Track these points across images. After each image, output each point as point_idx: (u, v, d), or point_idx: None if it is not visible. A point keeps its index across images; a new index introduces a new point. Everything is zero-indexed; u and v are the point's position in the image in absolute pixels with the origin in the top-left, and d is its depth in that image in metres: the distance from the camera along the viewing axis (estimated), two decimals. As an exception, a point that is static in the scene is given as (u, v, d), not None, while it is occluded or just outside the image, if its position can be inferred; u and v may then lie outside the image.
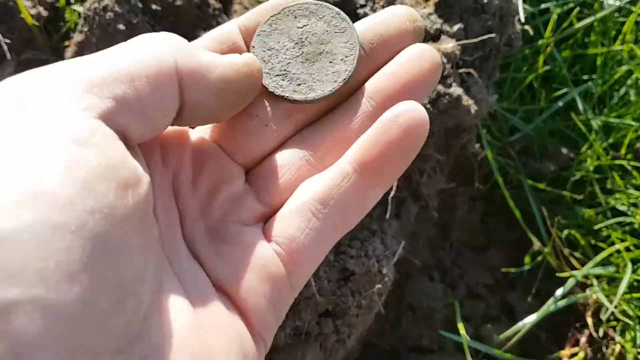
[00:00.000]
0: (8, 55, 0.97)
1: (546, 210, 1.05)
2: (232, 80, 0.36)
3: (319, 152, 0.41)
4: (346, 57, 0.42)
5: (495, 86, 1.13)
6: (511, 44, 0.98)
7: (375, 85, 0.42)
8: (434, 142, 0.93)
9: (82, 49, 0.91)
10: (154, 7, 0.89)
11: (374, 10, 0.89)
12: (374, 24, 0.44)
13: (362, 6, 0.89)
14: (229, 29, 0.43)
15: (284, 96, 0.41)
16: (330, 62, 0.42)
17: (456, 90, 0.87)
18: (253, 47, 0.42)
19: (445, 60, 0.88)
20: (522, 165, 1.15)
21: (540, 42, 1.09)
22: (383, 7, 0.90)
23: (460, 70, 0.91)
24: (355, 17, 0.89)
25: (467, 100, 0.88)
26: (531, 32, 1.05)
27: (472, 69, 0.95)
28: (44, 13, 1.00)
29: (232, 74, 0.36)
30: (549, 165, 1.13)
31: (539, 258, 1.07)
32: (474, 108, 0.91)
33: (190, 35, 0.95)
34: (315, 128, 0.43)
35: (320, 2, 0.44)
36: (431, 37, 0.91)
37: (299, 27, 0.43)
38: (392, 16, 0.43)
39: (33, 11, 0.98)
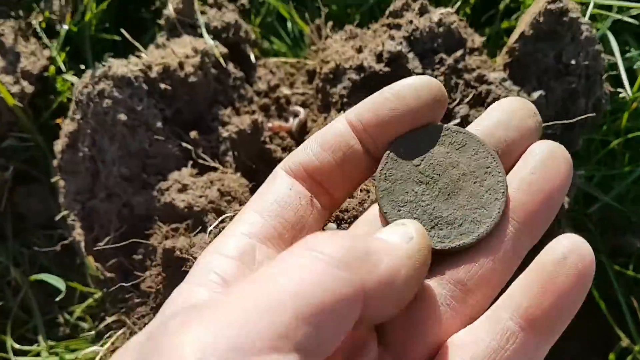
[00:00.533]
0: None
1: (635, 299, 0.88)
2: (415, 274, 0.33)
3: (462, 290, 0.37)
4: (492, 187, 0.39)
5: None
6: (599, 107, 0.80)
7: (514, 200, 0.38)
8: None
9: (75, 141, 0.73)
10: (162, 86, 0.72)
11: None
12: (494, 127, 0.40)
13: (419, 75, 0.71)
14: (339, 130, 0.40)
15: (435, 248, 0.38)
16: (475, 184, 0.39)
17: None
18: (385, 212, 0.39)
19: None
20: (602, 240, 0.97)
21: (621, 96, 0.90)
22: (444, 74, 0.72)
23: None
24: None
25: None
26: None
27: (556, 141, 0.77)
28: (29, 89, 0.83)
29: (414, 268, 0.33)
30: (635, 241, 0.95)
31: (629, 358, 0.89)
32: (566, 201, 0.73)
33: (208, 112, 0.77)
34: (453, 259, 0.38)
35: (420, 128, 0.40)
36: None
37: (416, 166, 0.40)
38: (511, 116, 0.40)
39: (15, 88, 0.81)
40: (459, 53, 0.72)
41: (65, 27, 0.90)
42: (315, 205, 0.40)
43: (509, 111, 0.40)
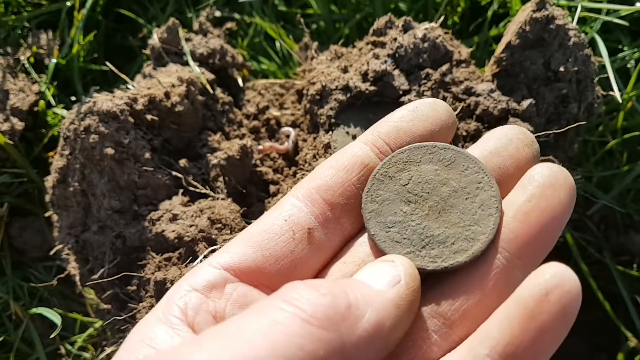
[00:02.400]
0: (-22, 188, 0.80)
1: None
2: (401, 322, 0.31)
3: (446, 324, 0.35)
4: (485, 203, 0.37)
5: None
6: (591, 111, 0.78)
7: (508, 231, 0.36)
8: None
9: (65, 176, 0.73)
10: (149, 117, 0.72)
11: (420, 95, 0.71)
12: (489, 155, 0.38)
13: (406, 92, 0.70)
14: (354, 151, 0.39)
15: (424, 268, 0.36)
16: (466, 200, 0.37)
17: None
18: (373, 234, 0.37)
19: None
20: (604, 238, 0.95)
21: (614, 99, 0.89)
22: (431, 89, 0.71)
23: (540, 159, 0.72)
24: (398, 105, 0.71)
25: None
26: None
27: (547, 148, 0.76)
28: (19, 125, 0.83)
29: (401, 316, 0.31)
30: (638, 240, 0.94)
31: (637, 358, 0.88)
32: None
33: (197, 139, 0.77)
34: (434, 291, 0.36)
35: (407, 147, 0.39)
36: (495, 119, 0.72)
37: (404, 185, 0.38)
38: (506, 143, 0.38)
39: (5, 126, 0.81)
40: (445, 67, 0.71)
41: (54, 60, 0.91)
42: (315, 241, 0.37)
43: (505, 139, 0.39)
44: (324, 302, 0.28)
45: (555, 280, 0.33)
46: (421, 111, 0.40)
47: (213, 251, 0.62)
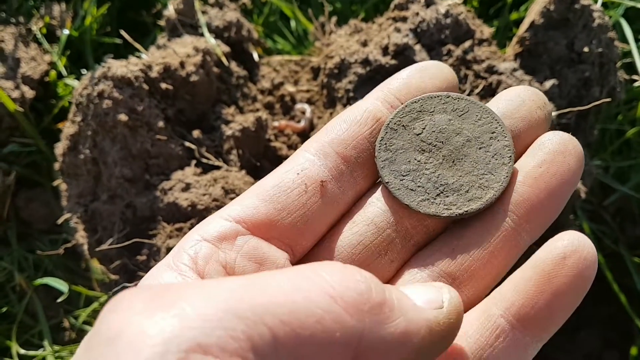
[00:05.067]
0: (-14, 154, 0.78)
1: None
2: (431, 350, 0.29)
3: (453, 284, 0.35)
4: (498, 152, 0.37)
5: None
6: (613, 95, 0.77)
7: (517, 194, 0.36)
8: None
9: (76, 144, 0.72)
10: (163, 86, 0.70)
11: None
12: (501, 116, 0.37)
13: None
14: (365, 106, 0.38)
15: (439, 215, 0.36)
16: (480, 150, 0.37)
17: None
18: (387, 182, 0.37)
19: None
20: (620, 230, 0.94)
21: (636, 85, 0.88)
22: (452, 65, 0.70)
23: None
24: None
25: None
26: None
27: (568, 131, 0.74)
28: (30, 93, 0.82)
29: (431, 342, 0.29)
30: (655, 232, 0.92)
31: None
32: (583, 189, 0.70)
33: (211, 111, 0.75)
34: (444, 249, 0.36)
35: (421, 97, 0.38)
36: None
37: (418, 134, 0.38)
38: (518, 105, 0.38)
39: (16, 93, 0.80)
40: (467, 44, 0.70)
41: (66, 31, 0.90)
42: (328, 194, 0.36)
43: (517, 100, 0.38)
44: (357, 287, 0.27)
45: (573, 246, 0.33)
46: (429, 70, 0.39)
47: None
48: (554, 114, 0.68)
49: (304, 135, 0.78)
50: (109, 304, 0.24)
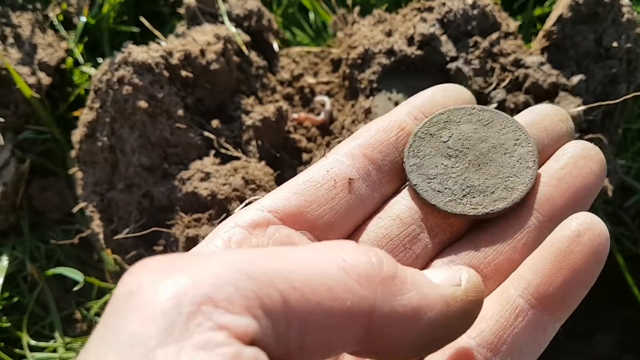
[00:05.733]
0: (1, 140, 0.77)
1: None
2: (446, 326, 0.29)
3: (479, 273, 0.34)
4: (523, 157, 0.38)
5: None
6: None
7: (541, 194, 0.37)
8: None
9: (94, 131, 0.71)
10: (184, 73, 0.69)
11: (468, 63, 0.68)
12: (524, 125, 0.39)
13: (453, 59, 0.68)
14: (392, 117, 0.40)
15: (465, 214, 0.38)
16: (504, 155, 0.39)
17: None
18: (415, 185, 0.39)
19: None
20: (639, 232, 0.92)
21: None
22: (479, 57, 0.68)
23: (587, 137, 0.69)
24: (446, 73, 0.68)
25: (604, 182, 0.66)
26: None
27: (593, 128, 0.73)
28: (46, 80, 0.81)
29: (447, 317, 0.29)
30: (676, 235, 0.90)
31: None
32: (609, 187, 0.69)
33: (230, 101, 0.74)
34: (468, 245, 0.37)
35: (447, 108, 0.40)
36: (545, 93, 0.69)
37: (445, 142, 0.40)
38: (541, 117, 0.40)
39: (32, 79, 0.79)
40: (494, 36, 0.68)
41: (83, 19, 0.89)
42: (355, 191, 0.38)
43: (540, 114, 0.40)
44: (369, 261, 0.27)
45: (586, 224, 0.34)
46: (451, 90, 0.42)
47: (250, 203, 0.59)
48: (581, 108, 0.67)
49: (324, 127, 0.77)
50: (128, 271, 0.25)
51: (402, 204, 0.39)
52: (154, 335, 0.22)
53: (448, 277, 0.31)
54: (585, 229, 0.34)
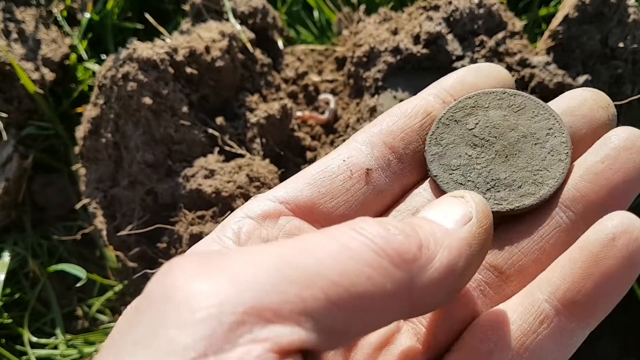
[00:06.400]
0: (4, 135, 0.77)
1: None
2: (473, 262, 0.29)
3: (500, 277, 0.34)
4: (555, 148, 0.35)
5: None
6: (645, 94, 0.75)
7: (575, 189, 0.34)
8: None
9: (98, 127, 0.70)
10: (188, 70, 0.69)
11: (474, 62, 0.67)
12: (561, 113, 0.36)
13: (459, 58, 0.67)
14: (417, 101, 0.37)
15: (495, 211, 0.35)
16: (535, 146, 0.36)
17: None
18: (436, 176, 0.36)
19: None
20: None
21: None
22: (485, 56, 0.68)
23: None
24: (450, 71, 0.67)
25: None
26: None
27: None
28: (50, 76, 0.80)
29: (473, 256, 0.29)
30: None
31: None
32: None
33: (234, 99, 0.74)
34: (498, 241, 0.35)
35: (475, 92, 0.37)
36: (551, 93, 0.69)
37: (470, 129, 0.37)
38: (580, 103, 0.36)
39: (35, 75, 0.79)
40: (500, 35, 0.68)
41: (87, 15, 0.88)
42: (372, 183, 0.36)
43: (579, 99, 0.36)
44: (396, 240, 0.27)
45: (623, 225, 0.31)
46: (484, 70, 0.38)
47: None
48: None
49: (328, 126, 0.76)
50: (160, 270, 0.24)
51: (422, 197, 0.37)
52: (193, 345, 0.21)
53: (461, 217, 0.30)
54: (621, 231, 0.31)
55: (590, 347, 0.97)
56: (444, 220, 0.30)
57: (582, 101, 0.36)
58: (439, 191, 0.36)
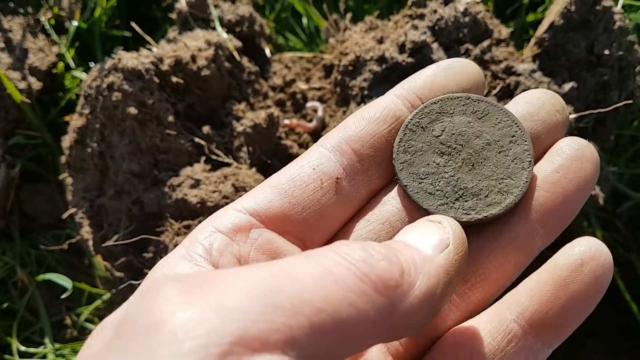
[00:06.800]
0: (-9, 146, 0.77)
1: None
2: (451, 287, 0.30)
3: (467, 283, 0.35)
4: (518, 156, 0.36)
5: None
6: (632, 100, 0.75)
7: (534, 199, 0.36)
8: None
9: (83, 137, 0.70)
10: (174, 79, 0.69)
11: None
12: (521, 118, 0.37)
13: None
14: (385, 104, 0.37)
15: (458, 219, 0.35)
16: (500, 153, 0.37)
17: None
18: (406, 185, 0.37)
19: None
20: (632, 238, 0.92)
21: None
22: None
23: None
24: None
25: (593, 189, 0.66)
26: None
27: (585, 135, 0.73)
28: (37, 85, 0.80)
29: (451, 282, 0.30)
30: (668, 241, 0.90)
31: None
32: (601, 196, 0.69)
33: (221, 107, 0.74)
34: None
35: (440, 97, 0.37)
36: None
37: (437, 137, 0.37)
38: (538, 108, 0.37)
39: (22, 84, 0.78)
40: (485, 44, 0.68)
41: (75, 23, 0.88)
42: (342, 192, 0.36)
43: (537, 103, 0.37)
44: (379, 266, 0.27)
45: (590, 252, 0.33)
46: (455, 68, 0.38)
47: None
48: (572, 116, 0.67)
49: (316, 134, 0.76)
50: (141, 294, 0.24)
51: (391, 205, 0.37)
52: None
53: (439, 243, 0.31)
54: (589, 257, 0.33)
55: (581, 348, 0.97)
56: (422, 246, 0.30)
57: (540, 106, 0.37)
58: (408, 200, 0.37)
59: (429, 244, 0.30)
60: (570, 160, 0.36)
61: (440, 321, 0.35)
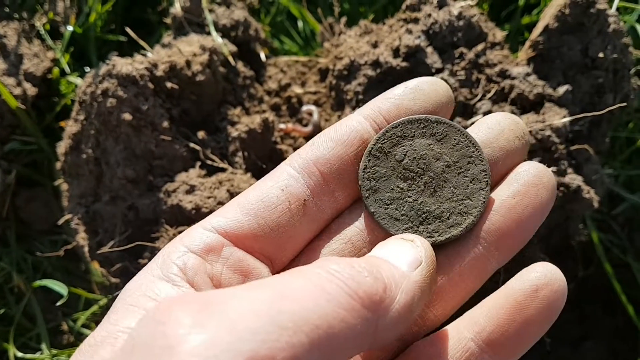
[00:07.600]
0: (-14, 152, 0.77)
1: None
2: (424, 300, 0.33)
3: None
4: (476, 177, 0.38)
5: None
6: (626, 103, 0.75)
7: (490, 222, 0.37)
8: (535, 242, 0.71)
9: (78, 143, 0.70)
10: (169, 85, 0.69)
11: (454, 74, 0.68)
12: (480, 144, 0.38)
13: (439, 71, 0.67)
14: (353, 125, 0.38)
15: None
16: (459, 175, 0.38)
17: (574, 179, 0.65)
18: (373, 212, 0.38)
19: (555, 138, 0.66)
20: (628, 240, 0.92)
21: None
22: (465, 69, 0.68)
23: (573, 148, 0.69)
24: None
25: (588, 192, 0.66)
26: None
27: (580, 138, 0.73)
28: (32, 90, 0.80)
29: (424, 296, 0.32)
30: (665, 243, 0.91)
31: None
32: (595, 199, 0.69)
33: (216, 112, 0.74)
34: None
35: (400, 121, 0.38)
36: (531, 104, 0.69)
37: (400, 161, 0.39)
38: (498, 133, 0.38)
39: (17, 90, 0.78)
40: (480, 47, 0.68)
41: (70, 28, 0.88)
42: (308, 213, 0.37)
43: (497, 129, 0.39)
44: (366, 282, 0.29)
45: (545, 278, 0.35)
46: (423, 90, 0.39)
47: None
48: (566, 119, 0.67)
49: (311, 138, 0.76)
50: (151, 315, 0.26)
51: (357, 228, 0.38)
52: None
53: (412, 260, 0.33)
54: (543, 284, 0.35)
55: (577, 350, 0.97)
56: (398, 262, 0.33)
57: (499, 132, 0.38)
58: (374, 224, 0.38)
59: (405, 260, 0.33)
60: (527, 186, 0.37)
61: (407, 335, 0.37)
